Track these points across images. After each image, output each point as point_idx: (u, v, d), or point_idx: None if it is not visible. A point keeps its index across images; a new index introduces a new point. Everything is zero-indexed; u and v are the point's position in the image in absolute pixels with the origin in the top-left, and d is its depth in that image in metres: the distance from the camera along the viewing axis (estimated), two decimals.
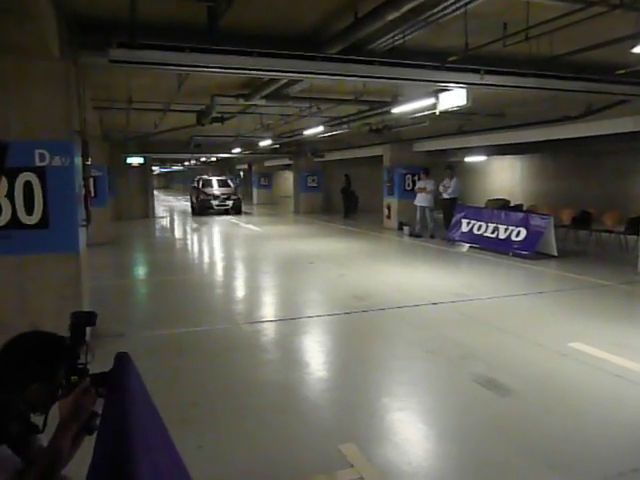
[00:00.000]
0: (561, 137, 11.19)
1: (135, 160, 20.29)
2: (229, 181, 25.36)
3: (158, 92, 9.41)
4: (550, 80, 6.66)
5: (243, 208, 24.13)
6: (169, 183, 65.77)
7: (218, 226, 18.43)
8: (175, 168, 43.92)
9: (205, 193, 22.96)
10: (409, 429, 3.67)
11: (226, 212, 22.75)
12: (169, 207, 29.93)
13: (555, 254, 10.38)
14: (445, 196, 13.75)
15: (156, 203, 23.81)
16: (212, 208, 22.46)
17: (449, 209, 13.56)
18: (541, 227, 10.49)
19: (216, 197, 22.80)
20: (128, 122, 13.28)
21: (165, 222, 21.11)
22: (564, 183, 17.31)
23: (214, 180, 24.81)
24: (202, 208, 22.56)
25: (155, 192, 26.20)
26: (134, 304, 7.81)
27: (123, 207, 20.18)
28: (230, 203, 22.85)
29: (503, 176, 20.88)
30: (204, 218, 21.29)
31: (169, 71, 6.51)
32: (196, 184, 24.72)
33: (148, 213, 21.47)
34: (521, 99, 9.92)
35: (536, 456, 3.20)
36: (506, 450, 3.28)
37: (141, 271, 10.92)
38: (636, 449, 3.28)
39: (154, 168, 33.93)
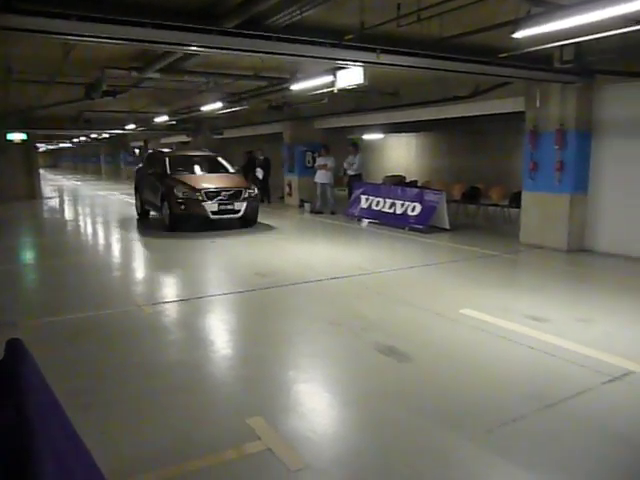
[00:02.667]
0: (451, 116, 11.77)
1: (16, 136, 18.83)
2: (221, 159, 13.18)
3: (42, 62, 8.74)
4: (440, 61, 6.98)
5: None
6: (57, 161, 61.56)
7: (110, 204, 17.53)
8: (63, 145, 41.22)
9: (185, 185, 11.13)
10: (314, 399, 3.79)
11: (223, 222, 11.42)
12: (58, 187, 28.01)
13: (447, 227, 11.03)
14: (350, 172, 13.99)
15: (43, 183, 22.17)
16: (206, 217, 11.06)
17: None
18: (434, 202, 11.06)
19: (211, 195, 11.02)
20: (7, 95, 12.23)
21: (54, 203, 19.77)
22: (455, 160, 18.29)
23: (196, 157, 13.31)
24: (180, 220, 11.22)
25: (41, 171, 24.28)
26: (24, 291, 7.30)
27: (4, 187, 18.71)
28: (241, 207, 11.34)
29: (399, 153, 21.66)
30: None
31: (53, 40, 6.08)
32: (152, 167, 12.79)
33: (34, 193, 20.04)
34: (414, 79, 10.32)
35: (431, 415, 3.45)
36: (404, 412, 3.50)
37: (29, 255, 10.19)
38: (516, 401, 3.63)
39: (39, 145, 31.61)
